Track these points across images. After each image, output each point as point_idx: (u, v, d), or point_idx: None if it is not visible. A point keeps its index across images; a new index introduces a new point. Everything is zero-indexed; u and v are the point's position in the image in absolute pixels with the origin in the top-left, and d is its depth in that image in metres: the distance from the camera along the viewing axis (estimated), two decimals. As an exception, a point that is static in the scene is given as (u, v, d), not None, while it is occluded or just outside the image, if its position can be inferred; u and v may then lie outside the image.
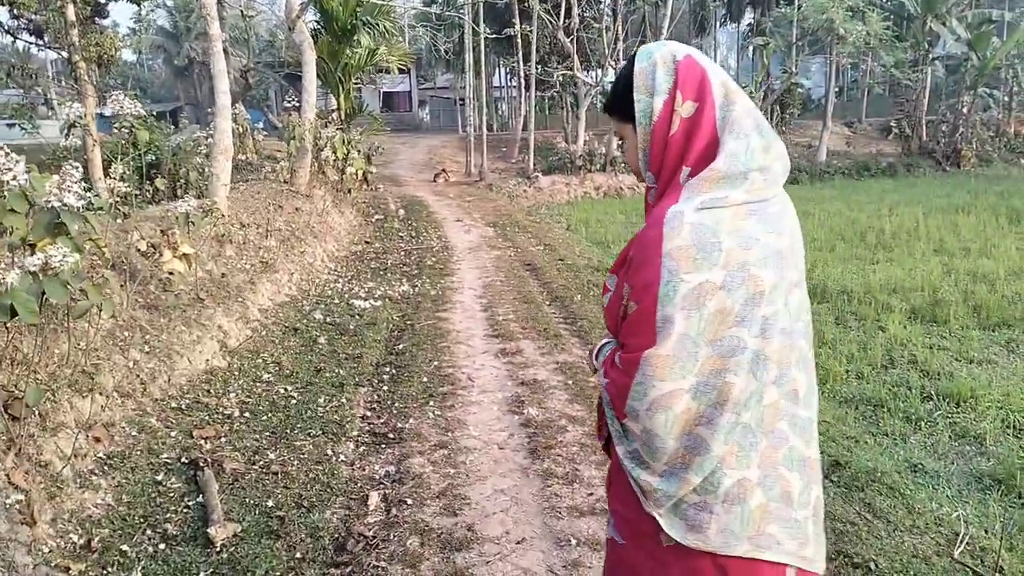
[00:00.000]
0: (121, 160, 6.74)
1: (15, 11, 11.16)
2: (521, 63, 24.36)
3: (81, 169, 4.05)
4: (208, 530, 3.42)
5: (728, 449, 1.50)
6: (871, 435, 4.89)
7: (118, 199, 6.02)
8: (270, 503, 3.75)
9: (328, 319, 7.20)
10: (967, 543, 3.38)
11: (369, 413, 5.07)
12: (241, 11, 20.30)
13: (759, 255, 1.47)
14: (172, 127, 12.60)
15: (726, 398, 1.48)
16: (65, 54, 9.18)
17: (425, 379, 5.63)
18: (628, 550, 1.70)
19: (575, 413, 4.94)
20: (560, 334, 6.81)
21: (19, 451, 3.46)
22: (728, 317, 1.46)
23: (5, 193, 3.66)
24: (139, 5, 15.04)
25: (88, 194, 4.09)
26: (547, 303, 8.13)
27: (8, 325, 3.62)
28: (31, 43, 13.86)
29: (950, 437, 4.85)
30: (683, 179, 1.54)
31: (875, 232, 12.45)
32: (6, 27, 12.88)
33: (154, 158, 9.10)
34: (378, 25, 16.18)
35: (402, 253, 11.24)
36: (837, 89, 33.53)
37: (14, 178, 3.62)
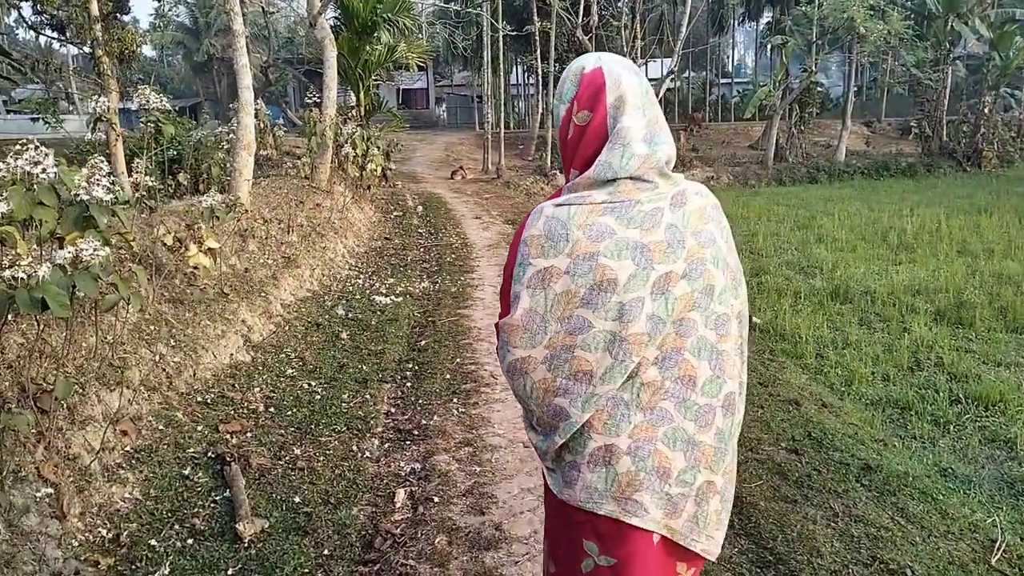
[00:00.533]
0: (145, 155, 6.77)
1: (39, 6, 11.21)
2: (539, 61, 24.30)
3: (107, 163, 4.05)
4: (236, 525, 3.42)
5: (593, 416, 1.67)
6: (899, 438, 4.84)
7: (143, 193, 6.04)
8: (297, 499, 3.75)
9: (350, 315, 7.20)
10: (1003, 550, 3.32)
11: (393, 409, 5.06)
12: (262, 7, 20.36)
13: (612, 247, 1.61)
14: (193, 122, 12.63)
15: (579, 370, 1.65)
16: (87, 49, 9.20)
17: (448, 376, 5.61)
18: (544, 502, 1.95)
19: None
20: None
21: (48, 444, 3.46)
22: (574, 299, 1.63)
23: (35, 186, 3.66)
24: (160, 1, 15.09)
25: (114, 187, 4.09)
26: (568, 301, 8.08)
27: (38, 318, 3.63)
28: (54, 38, 13.93)
29: (980, 441, 4.79)
30: (571, 179, 1.72)
31: (896, 232, 12.32)
32: (29, 23, 12.96)
33: (176, 153, 9.13)
34: (398, 22, 16.17)
35: (421, 249, 11.23)
36: (856, 88, 33.26)
37: (43, 171, 3.62)
